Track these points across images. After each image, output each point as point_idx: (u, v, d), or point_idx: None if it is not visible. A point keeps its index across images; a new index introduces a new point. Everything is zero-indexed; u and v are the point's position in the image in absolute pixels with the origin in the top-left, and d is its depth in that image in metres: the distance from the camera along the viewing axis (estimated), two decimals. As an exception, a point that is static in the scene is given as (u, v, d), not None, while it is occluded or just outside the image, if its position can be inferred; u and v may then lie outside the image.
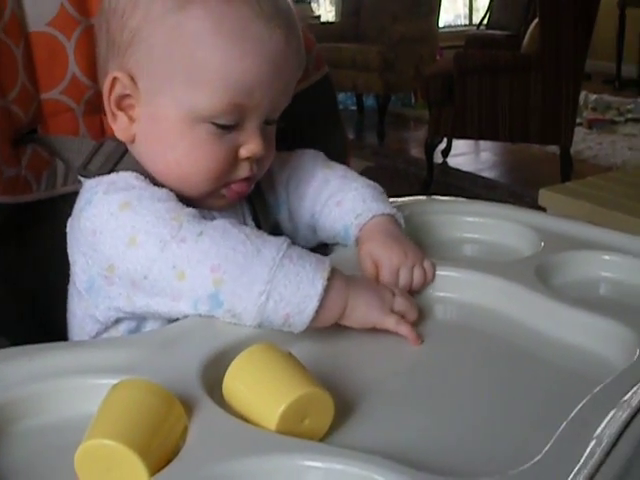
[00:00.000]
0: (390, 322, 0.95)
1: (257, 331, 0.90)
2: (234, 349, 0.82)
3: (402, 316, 0.96)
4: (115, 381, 0.74)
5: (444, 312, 1.04)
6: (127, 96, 1.05)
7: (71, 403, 0.81)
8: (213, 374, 0.81)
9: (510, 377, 0.89)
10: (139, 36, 1.02)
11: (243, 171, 1.06)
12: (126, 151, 1.07)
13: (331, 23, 8.21)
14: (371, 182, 1.19)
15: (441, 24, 7.74)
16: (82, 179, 1.07)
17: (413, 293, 1.04)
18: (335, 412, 0.75)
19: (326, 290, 0.91)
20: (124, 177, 1.02)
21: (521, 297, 1.01)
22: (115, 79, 1.04)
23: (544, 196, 3.27)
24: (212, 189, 1.06)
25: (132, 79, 1.04)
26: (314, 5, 9.12)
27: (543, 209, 3.14)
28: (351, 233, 1.13)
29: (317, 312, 0.90)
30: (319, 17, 8.72)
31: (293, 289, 0.90)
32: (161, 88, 1.02)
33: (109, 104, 1.06)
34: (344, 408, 0.79)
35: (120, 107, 1.06)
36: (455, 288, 1.05)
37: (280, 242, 0.93)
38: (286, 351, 0.78)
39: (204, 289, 0.90)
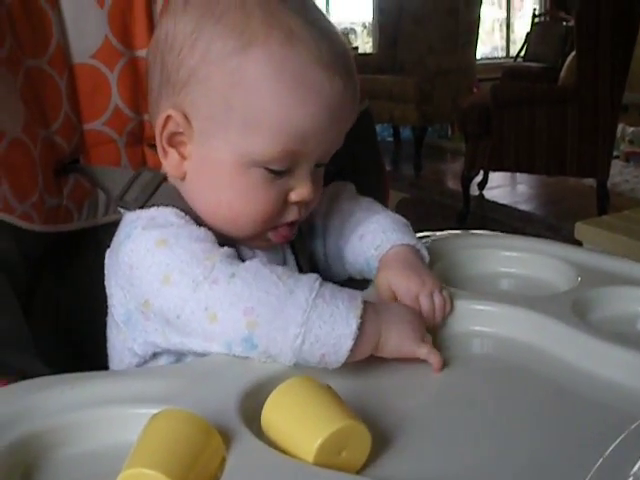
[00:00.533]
0: (422, 352, 0.95)
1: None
2: (272, 381, 0.83)
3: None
4: (154, 411, 0.75)
5: (481, 346, 1.05)
6: (179, 134, 1.04)
7: (110, 432, 0.81)
8: (251, 406, 0.81)
9: (546, 412, 0.89)
10: (196, 76, 1.00)
11: (291, 215, 1.05)
12: (161, 182, 1.07)
13: (369, 54, 8.24)
14: (395, 214, 1.18)
15: (478, 56, 7.74)
16: (122, 211, 1.07)
17: (437, 325, 1.04)
18: (372, 445, 0.76)
19: (360, 327, 0.90)
20: (164, 213, 1.01)
21: (557, 332, 1.00)
22: (169, 117, 1.03)
23: (580, 229, 3.26)
24: (259, 232, 1.05)
25: (186, 118, 1.03)
26: (352, 36, 9.17)
27: (579, 242, 3.13)
28: (372, 265, 1.12)
29: (352, 350, 0.90)
30: (357, 48, 8.76)
31: (328, 330, 0.89)
32: (216, 131, 1.01)
33: (161, 140, 1.05)
34: (381, 441, 0.79)
35: (171, 144, 1.05)
36: (492, 322, 1.05)
37: (312, 281, 0.92)
38: (324, 384, 0.79)
39: (237, 332, 0.90)
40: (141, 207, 1.04)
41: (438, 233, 1.32)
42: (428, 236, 1.30)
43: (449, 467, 0.78)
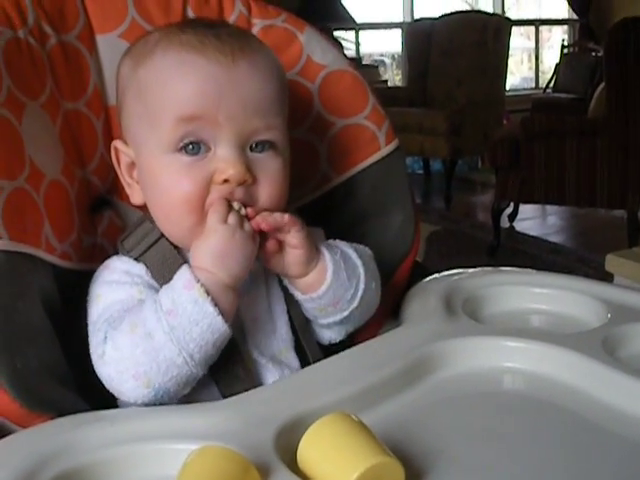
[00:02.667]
0: (253, 247, 1.06)
1: (331, 400, 0.91)
2: (308, 417, 0.84)
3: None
4: (193, 447, 0.77)
5: (512, 382, 1.05)
6: (132, 164, 1.15)
7: (149, 468, 0.83)
8: (287, 441, 0.83)
9: (577, 450, 0.89)
10: (120, 108, 1.16)
11: (222, 195, 1.06)
12: (160, 238, 1.13)
13: (398, 88, 8.26)
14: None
15: (507, 87, 7.74)
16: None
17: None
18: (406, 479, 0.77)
19: (212, 300, 1.00)
20: (120, 268, 1.12)
21: (588, 369, 1.01)
22: (116, 149, 1.17)
23: (611, 261, 3.24)
24: (195, 220, 1.07)
25: (126, 144, 1.16)
26: (381, 69, 9.19)
27: (610, 274, 3.12)
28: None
29: (223, 316, 1.00)
30: (386, 81, 8.78)
31: (198, 330, 0.99)
32: (138, 138, 1.12)
33: (122, 174, 1.17)
34: (413, 476, 0.80)
35: (131, 176, 1.16)
36: (523, 359, 1.05)
37: (153, 305, 1.01)
38: (358, 420, 0.80)
39: (145, 395, 0.99)
40: (135, 259, 1.12)
41: (470, 270, 1.33)
42: (460, 273, 1.31)
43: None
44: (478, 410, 0.98)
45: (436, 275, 1.32)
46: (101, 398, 1.04)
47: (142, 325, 0.99)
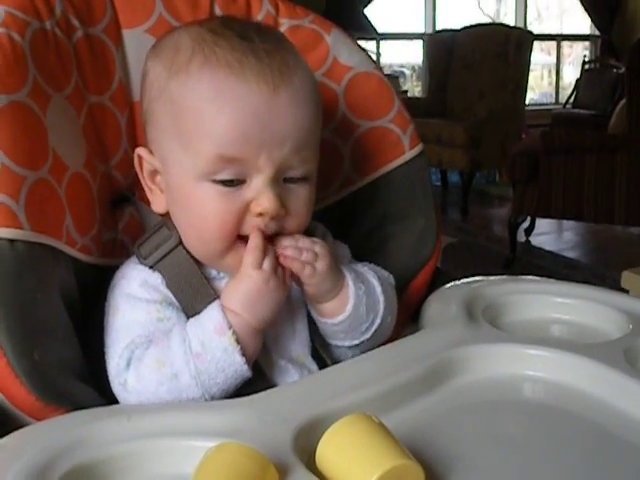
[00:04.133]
0: (284, 292, 1.07)
1: (351, 401, 0.91)
2: (328, 418, 0.84)
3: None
4: (210, 444, 0.76)
5: (532, 390, 1.04)
6: (155, 171, 1.14)
7: (166, 463, 0.82)
8: (306, 441, 0.82)
9: (597, 460, 0.88)
10: (148, 115, 1.14)
11: (255, 223, 1.07)
12: (177, 246, 1.13)
13: (417, 98, 8.26)
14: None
15: (527, 102, 7.73)
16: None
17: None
18: (425, 484, 0.76)
19: (241, 350, 1.01)
20: (137, 281, 1.12)
21: (609, 379, 1.00)
22: (139, 156, 1.15)
23: (627, 278, 3.23)
24: (224, 246, 1.08)
25: (151, 153, 1.14)
26: (401, 80, 9.20)
27: (626, 291, 3.10)
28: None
29: (247, 363, 1.01)
30: (406, 92, 8.78)
31: (223, 377, 1.01)
32: (168, 155, 1.10)
33: (144, 179, 1.16)
34: (434, 479, 0.80)
35: (154, 182, 1.15)
36: (544, 367, 1.05)
37: (181, 343, 1.01)
38: (378, 421, 0.80)
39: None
40: (151, 267, 1.12)
41: (491, 278, 1.32)
42: (480, 281, 1.30)
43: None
44: (498, 417, 0.97)
45: (457, 282, 1.31)
46: None
47: (169, 364, 1.00)
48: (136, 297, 1.09)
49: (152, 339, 1.04)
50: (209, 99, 1.04)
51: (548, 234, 6.22)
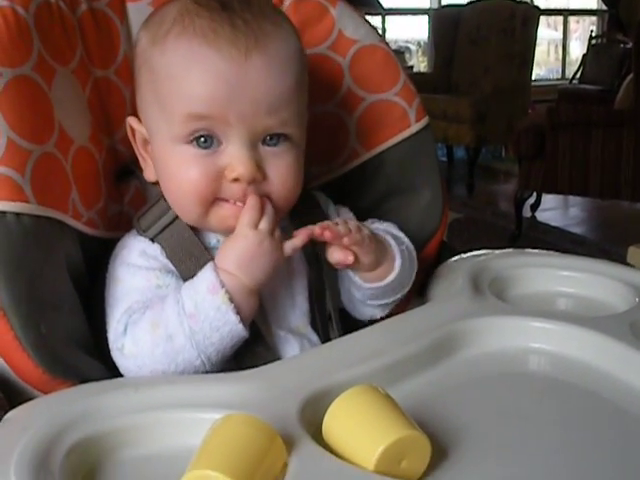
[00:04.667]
0: (284, 254, 1.07)
1: (357, 373, 0.91)
2: (334, 389, 0.84)
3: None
4: (217, 416, 0.76)
5: (538, 363, 1.05)
6: (146, 140, 1.14)
7: (173, 435, 0.83)
8: (313, 412, 0.83)
9: (601, 432, 0.88)
10: (136, 85, 1.15)
11: (234, 193, 1.07)
12: (175, 219, 1.13)
13: (423, 74, 8.23)
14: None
15: (533, 77, 7.70)
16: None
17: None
18: (431, 455, 0.76)
19: (234, 308, 1.01)
20: (138, 249, 1.12)
21: (615, 352, 1.00)
22: (131, 126, 1.17)
23: (633, 253, 3.22)
24: (202, 210, 1.09)
25: (140, 122, 1.15)
26: (407, 55, 9.17)
27: (631, 266, 3.10)
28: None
29: (242, 322, 1.01)
30: (412, 67, 8.76)
31: (218, 336, 1.01)
32: (151, 124, 1.12)
33: (138, 148, 1.17)
34: (439, 451, 0.80)
35: (146, 151, 1.16)
36: (550, 340, 1.05)
37: (175, 305, 1.01)
38: (385, 393, 0.80)
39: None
40: (151, 239, 1.12)
41: (497, 251, 1.32)
42: (487, 254, 1.30)
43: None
44: (503, 389, 0.97)
45: (463, 255, 1.31)
46: None
47: (164, 326, 1.00)
48: (135, 265, 1.10)
49: (149, 304, 1.04)
50: (182, 66, 1.05)
51: (554, 210, 6.21)
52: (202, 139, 1.06)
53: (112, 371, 1.04)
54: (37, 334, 0.97)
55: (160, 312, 1.02)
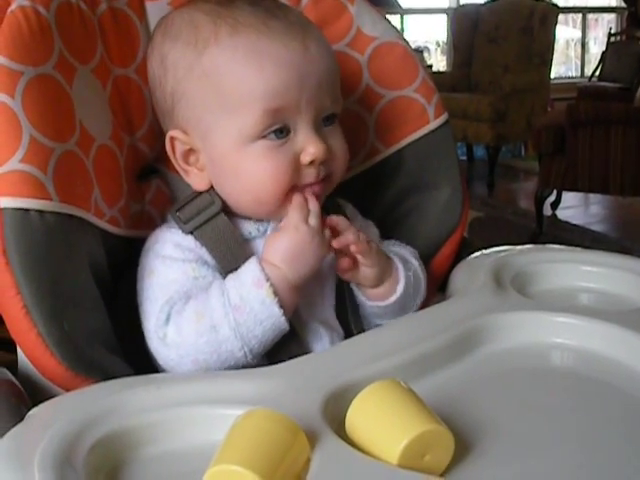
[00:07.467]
0: (326, 253, 1.10)
1: (380, 368, 0.91)
2: (357, 384, 0.84)
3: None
4: (240, 412, 0.76)
5: (561, 358, 1.04)
6: (190, 151, 1.14)
7: (196, 431, 0.83)
8: (336, 408, 0.83)
9: (625, 426, 0.88)
10: (177, 97, 1.14)
11: (309, 176, 1.11)
12: (217, 214, 1.14)
13: (442, 73, 8.22)
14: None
15: (552, 75, 7.68)
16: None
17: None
18: (455, 449, 0.76)
19: (278, 301, 1.03)
20: (173, 242, 1.13)
21: (638, 346, 0.99)
22: (172, 138, 1.15)
23: (655, 250, 3.22)
24: (282, 200, 1.10)
25: (186, 133, 1.14)
26: (425, 54, 9.16)
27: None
28: None
29: (284, 316, 1.03)
30: (431, 66, 8.74)
31: (261, 329, 1.02)
32: (209, 128, 1.11)
33: (177, 162, 1.16)
34: (463, 445, 0.79)
35: (188, 162, 1.15)
36: (572, 335, 1.04)
37: (220, 295, 1.03)
38: (408, 387, 0.80)
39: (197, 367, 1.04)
40: (190, 232, 1.13)
41: (518, 247, 1.32)
42: (508, 250, 1.30)
43: (529, 475, 0.78)
44: (526, 385, 0.97)
45: (484, 251, 1.31)
46: (145, 365, 1.05)
47: (209, 317, 1.02)
48: (171, 257, 1.10)
49: (190, 295, 1.05)
50: (248, 61, 1.07)
51: (575, 208, 6.19)
52: (278, 132, 1.08)
53: (134, 367, 1.04)
54: (60, 331, 0.97)
55: (205, 302, 1.03)
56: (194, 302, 1.04)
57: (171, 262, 1.10)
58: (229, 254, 1.11)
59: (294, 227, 1.07)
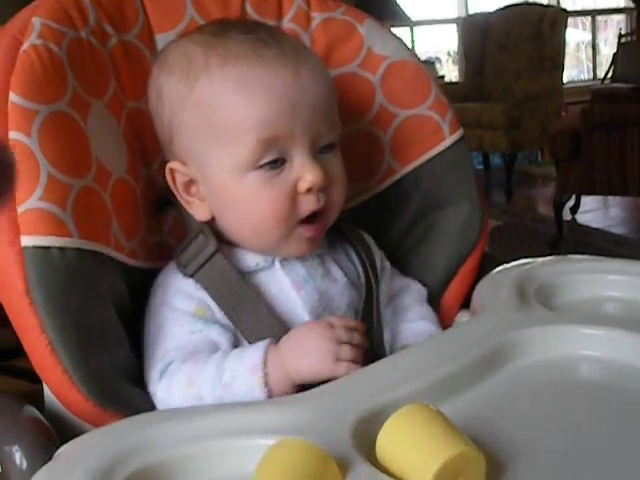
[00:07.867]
0: (340, 372, 1.00)
1: (407, 391, 0.90)
2: (386, 409, 0.83)
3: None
4: (271, 442, 0.76)
5: (589, 370, 1.03)
6: (190, 182, 1.14)
7: (227, 463, 0.83)
8: (366, 433, 0.82)
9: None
10: (174, 129, 1.14)
11: (309, 204, 1.10)
12: (214, 254, 1.12)
13: (454, 83, 8.22)
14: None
15: (565, 79, 7.66)
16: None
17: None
18: (487, 470, 0.76)
19: (266, 385, 1.01)
20: (175, 289, 1.12)
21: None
22: (172, 170, 1.15)
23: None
24: (285, 232, 1.10)
25: (185, 164, 1.14)
26: (437, 65, 9.15)
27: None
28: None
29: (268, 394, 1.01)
30: (443, 77, 8.74)
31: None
32: (205, 159, 1.12)
33: (179, 194, 1.16)
34: (495, 466, 0.79)
35: (189, 193, 1.15)
36: (599, 346, 1.03)
37: (214, 372, 1.02)
38: (437, 410, 0.79)
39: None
40: (191, 275, 1.12)
41: (540, 259, 1.31)
42: (530, 262, 1.29)
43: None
44: (556, 399, 0.96)
45: (506, 265, 1.30)
46: None
47: (197, 386, 1.02)
48: (170, 306, 1.10)
49: (187, 350, 1.06)
50: (238, 92, 1.07)
51: (594, 211, 6.16)
52: (272, 163, 1.08)
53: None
54: (86, 367, 0.97)
55: (200, 370, 1.03)
56: (190, 366, 1.04)
57: (170, 312, 1.10)
58: (229, 293, 1.10)
59: (322, 330, 1.04)
